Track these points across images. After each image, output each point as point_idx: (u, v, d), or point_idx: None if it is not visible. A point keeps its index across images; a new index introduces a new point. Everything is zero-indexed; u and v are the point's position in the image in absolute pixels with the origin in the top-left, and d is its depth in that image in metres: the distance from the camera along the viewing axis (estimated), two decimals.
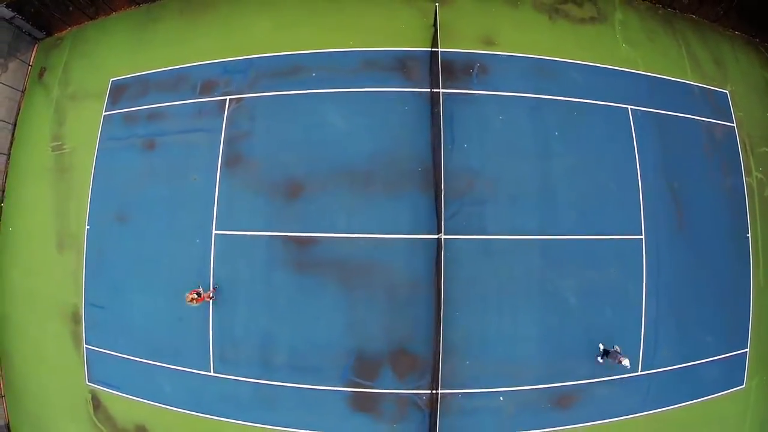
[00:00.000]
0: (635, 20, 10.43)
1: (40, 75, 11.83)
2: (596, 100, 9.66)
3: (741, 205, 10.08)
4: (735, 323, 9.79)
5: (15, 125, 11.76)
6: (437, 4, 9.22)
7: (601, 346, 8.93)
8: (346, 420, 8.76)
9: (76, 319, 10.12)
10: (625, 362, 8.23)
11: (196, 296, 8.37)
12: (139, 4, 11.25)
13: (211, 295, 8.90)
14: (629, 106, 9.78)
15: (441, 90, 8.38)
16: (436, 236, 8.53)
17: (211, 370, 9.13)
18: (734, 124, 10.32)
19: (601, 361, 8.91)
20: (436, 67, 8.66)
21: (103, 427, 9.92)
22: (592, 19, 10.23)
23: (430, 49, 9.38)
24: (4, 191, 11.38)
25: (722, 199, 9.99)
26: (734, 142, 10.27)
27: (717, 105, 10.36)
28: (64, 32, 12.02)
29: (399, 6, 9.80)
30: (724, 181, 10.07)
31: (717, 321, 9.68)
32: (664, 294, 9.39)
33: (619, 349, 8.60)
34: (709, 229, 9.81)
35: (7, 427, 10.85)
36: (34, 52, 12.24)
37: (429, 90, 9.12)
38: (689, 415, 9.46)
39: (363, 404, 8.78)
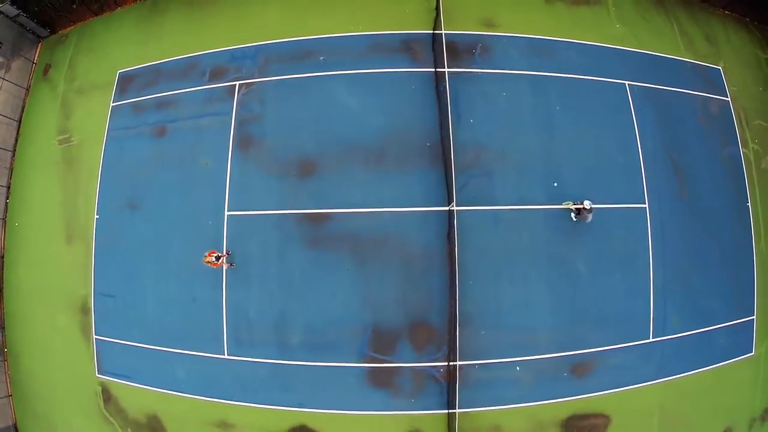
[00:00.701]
0: (628, 1, 11.03)
1: (45, 72, 12.10)
2: (594, 76, 10.15)
3: (739, 175, 10.54)
4: (740, 291, 10.14)
5: (20, 122, 11.98)
6: None
7: (572, 206, 9.07)
8: (364, 396, 8.88)
9: (85, 311, 10.19)
10: (587, 203, 8.51)
11: (214, 259, 8.56)
12: None
13: (227, 261, 9.00)
14: (626, 82, 10.28)
15: (446, 69, 8.80)
16: (447, 208, 8.83)
17: (225, 353, 9.23)
18: (729, 98, 10.85)
19: (574, 219, 9.13)
20: (440, 48, 9.10)
21: (114, 420, 9.91)
22: (587, 1, 10.81)
23: (432, 31, 9.86)
24: (9, 187, 11.53)
25: (721, 170, 10.45)
26: (729, 115, 10.79)
27: (711, 80, 10.91)
28: (68, 29, 12.34)
29: None
30: (722, 152, 10.55)
31: (723, 288, 10.02)
32: (671, 261, 9.73)
33: (587, 205, 8.67)
34: (709, 198, 10.23)
35: (15, 427, 10.77)
36: (38, 49, 12.53)
37: (434, 70, 9.55)
38: (702, 383, 9.69)
39: (380, 379, 8.91)
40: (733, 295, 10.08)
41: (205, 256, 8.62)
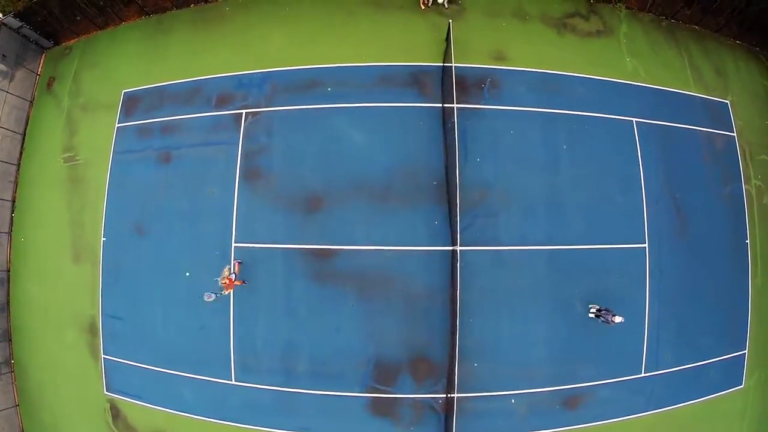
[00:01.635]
0: (640, 33, 11.09)
1: (49, 85, 12.12)
2: (602, 113, 10.33)
3: (740, 212, 10.83)
4: (734, 326, 10.57)
5: (24, 135, 12.08)
6: (450, 20, 9.77)
7: (593, 308, 9.50)
8: (365, 424, 9.42)
9: (93, 331, 10.55)
10: (618, 319, 8.81)
11: (233, 277, 8.82)
12: (149, 14, 11.62)
13: (238, 278, 9.25)
14: (634, 119, 10.46)
15: (454, 105, 8.97)
16: (450, 248, 9.18)
17: (233, 379, 9.71)
18: (734, 134, 11.05)
19: (592, 315, 9.51)
20: (449, 82, 9.25)
21: None
22: (599, 33, 10.87)
23: (442, 64, 9.97)
24: (14, 202, 11.76)
25: (722, 207, 10.74)
26: (734, 151, 11.01)
27: (718, 115, 11.08)
28: (72, 41, 12.29)
29: (412, 21, 10.35)
30: (724, 189, 10.81)
31: (717, 324, 10.46)
32: (666, 299, 10.13)
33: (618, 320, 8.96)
34: (709, 236, 10.56)
35: None
36: (41, 61, 12.50)
37: (441, 105, 9.72)
38: (691, 414, 10.23)
39: (382, 409, 9.45)
40: (727, 330, 10.53)
41: (223, 278, 8.77)
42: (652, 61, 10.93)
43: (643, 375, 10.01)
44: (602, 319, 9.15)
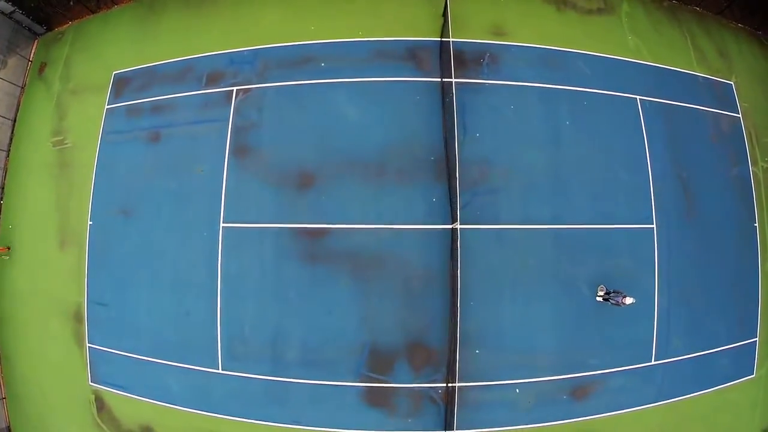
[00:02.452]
0: (641, 12, 10.11)
1: (41, 70, 11.20)
2: (605, 90, 9.31)
3: (748, 195, 9.78)
4: (744, 312, 9.46)
5: (15, 121, 11.12)
6: None
7: (601, 291, 8.41)
8: (359, 416, 8.24)
9: (78, 318, 9.48)
10: (629, 300, 7.71)
11: None
12: None
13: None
14: (638, 97, 9.44)
15: (453, 79, 7.92)
16: (450, 226, 8.05)
17: (220, 368, 8.55)
18: (740, 115, 10.03)
19: (599, 299, 8.41)
20: (447, 57, 8.22)
21: (107, 429, 9.27)
22: (599, 10, 9.90)
23: (440, 39, 8.94)
24: (3, 188, 10.71)
25: (729, 189, 9.69)
26: (740, 133, 9.98)
27: (722, 96, 10.07)
28: (64, 27, 11.40)
29: None
30: (731, 170, 9.77)
31: (727, 310, 9.35)
32: (676, 283, 9.03)
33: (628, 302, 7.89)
34: (717, 219, 9.49)
35: (9, 429, 10.14)
36: (34, 47, 11.60)
37: (440, 80, 8.67)
38: (702, 405, 9.10)
39: (377, 399, 8.27)
40: (737, 317, 9.40)
41: None
42: (654, 40, 9.95)
43: (653, 363, 8.83)
44: (612, 301, 7.99)
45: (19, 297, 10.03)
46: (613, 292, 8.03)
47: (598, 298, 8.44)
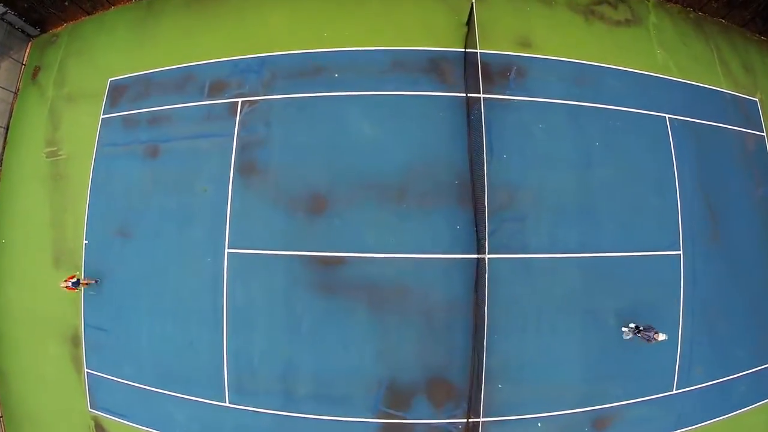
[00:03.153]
0: (668, 24, 8.83)
1: (34, 75, 9.63)
2: (635, 108, 8.06)
3: None
4: (765, 336, 8.42)
5: (7, 129, 9.57)
6: (473, 0, 7.30)
7: (631, 326, 7.36)
8: None
9: (75, 342, 8.20)
10: (662, 337, 6.74)
11: (70, 284, 7.19)
12: None
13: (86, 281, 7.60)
14: (667, 115, 8.21)
15: (481, 95, 6.56)
16: (476, 256, 6.80)
17: (227, 401, 7.32)
18: (764, 134, 8.86)
19: (627, 337, 7.38)
20: (474, 70, 6.87)
21: None
22: (627, 22, 8.57)
23: (464, 49, 7.54)
24: None
25: (754, 211, 8.60)
26: (765, 152, 8.85)
27: (748, 113, 8.91)
28: (59, 28, 9.80)
29: (427, 2, 7.90)
30: (756, 191, 8.64)
31: (749, 334, 8.36)
32: (700, 311, 7.99)
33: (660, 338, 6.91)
34: (741, 242, 8.43)
35: None
36: (27, 50, 10.00)
37: (465, 94, 7.30)
38: (720, 430, 8.09)
39: None
40: (758, 341, 8.39)
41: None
42: (682, 54, 8.70)
43: (674, 392, 7.80)
44: (644, 337, 6.85)
45: (14, 315, 8.71)
46: (644, 328, 6.89)
47: (626, 336, 7.29)
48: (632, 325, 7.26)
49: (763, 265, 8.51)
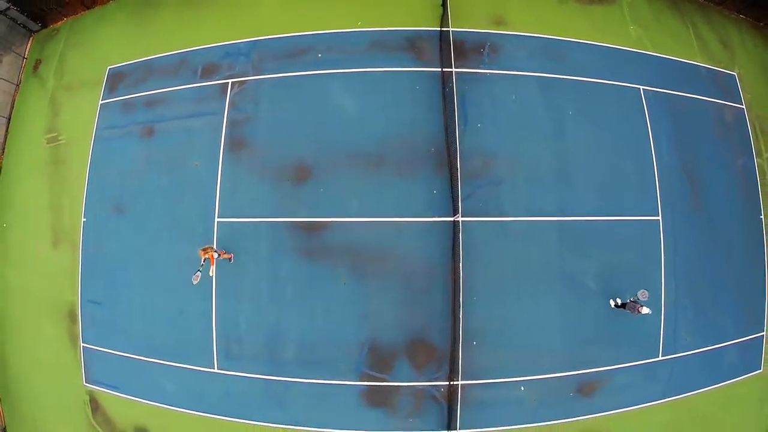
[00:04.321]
0: (643, 2, 9.65)
1: (35, 67, 10.74)
2: (608, 80, 8.84)
3: (753, 187, 9.30)
4: (751, 306, 8.98)
5: (9, 119, 10.64)
6: None
7: (617, 301, 7.96)
8: (360, 415, 7.73)
9: (72, 318, 8.98)
10: (645, 310, 7.27)
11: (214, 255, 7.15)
12: None
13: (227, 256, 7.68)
14: (641, 87, 8.98)
15: (453, 69, 7.44)
16: (451, 219, 7.55)
17: (216, 367, 8.04)
18: (743, 106, 9.57)
19: (613, 305, 7.94)
20: (447, 46, 7.73)
21: (102, 430, 8.74)
22: (600, 1, 9.42)
23: (439, 28, 8.47)
24: None
25: (734, 181, 9.22)
26: (744, 124, 9.52)
27: (726, 87, 9.61)
28: (60, 23, 10.94)
29: None
30: (736, 162, 9.30)
31: (733, 304, 8.86)
32: (682, 276, 8.54)
33: (640, 297, 7.56)
34: (722, 211, 9.02)
35: (4, 430, 9.62)
36: (29, 44, 11.14)
37: (440, 69, 8.19)
38: (708, 401, 8.59)
39: (378, 398, 7.75)
40: (744, 311, 8.91)
41: (204, 252, 7.13)
42: (656, 30, 9.49)
43: (660, 358, 8.33)
44: (629, 310, 7.48)
45: (11, 296, 9.53)
46: (630, 301, 7.52)
47: (612, 304, 7.93)
48: (618, 301, 7.87)
49: (746, 234, 9.08)
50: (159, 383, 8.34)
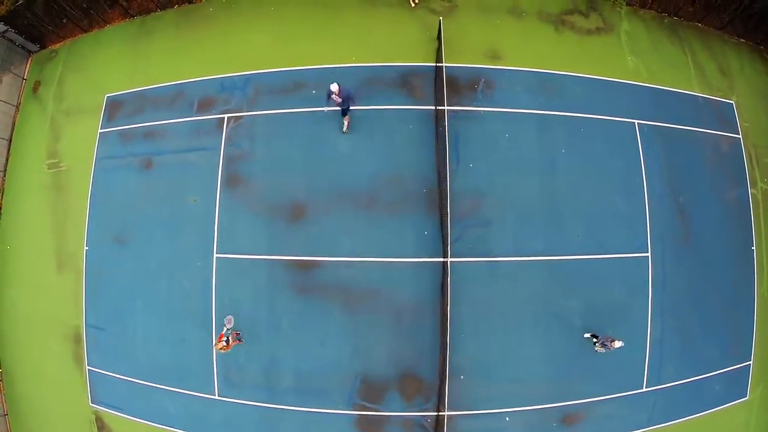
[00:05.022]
0: (641, 30, 9.83)
1: (35, 89, 11.12)
2: (603, 115, 9.12)
3: (746, 217, 9.62)
4: (739, 336, 9.40)
5: (10, 141, 11.10)
6: (441, 18, 8.53)
7: (587, 335, 8.44)
8: None
9: (77, 340, 9.60)
10: (618, 344, 7.73)
11: (224, 343, 7.79)
12: (133, 16, 10.51)
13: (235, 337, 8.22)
14: (635, 121, 9.24)
15: (445, 107, 7.78)
16: (441, 260, 8.02)
17: (216, 394, 8.68)
18: (740, 135, 9.81)
19: (588, 336, 8.42)
20: (441, 83, 8.06)
21: None
22: (599, 30, 9.62)
23: (434, 64, 8.76)
24: (0, 209, 10.78)
25: (727, 212, 9.53)
26: (740, 154, 9.78)
27: (722, 116, 9.83)
28: (58, 45, 11.27)
29: (401, 20, 9.15)
30: (730, 193, 9.60)
31: (721, 334, 9.29)
32: (670, 311, 8.97)
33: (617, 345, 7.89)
34: (714, 243, 9.37)
35: None
36: (28, 65, 11.49)
37: (434, 107, 8.53)
38: (693, 429, 9.11)
39: (369, 427, 8.38)
40: (731, 341, 9.36)
41: (217, 343, 7.80)
42: (654, 60, 9.68)
43: (644, 390, 8.86)
44: (600, 345, 7.98)
45: (18, 317, 10.11)
46: (603, 337, 7.99)
47: (587, 335, 8.42)
48: (588, 335, 8.35)
49: (737, 265, 9.45)
50: (162, 407, 9.00)
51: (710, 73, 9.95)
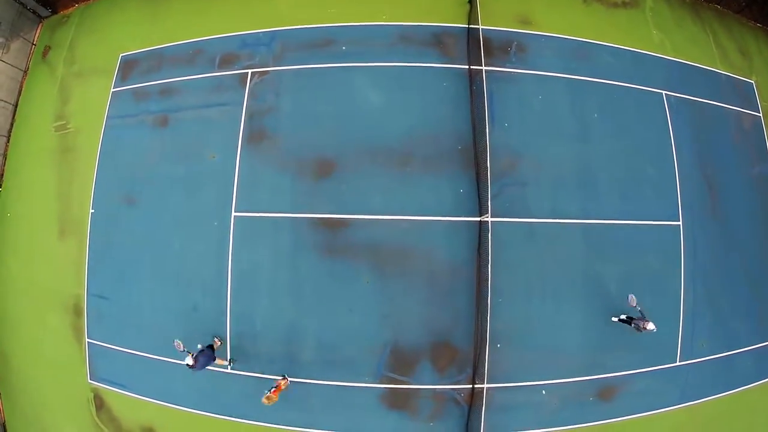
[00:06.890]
0: (665, 7, 9.38)
1: (44, 54, 10.10)
2: (632, 84, 8.51)
3: None
4: (767, 312, 8.67)
5: (16, 106, 9.96)
6: None
7: (622, 317, 7.52)
8: (379, 419, 7.28)
9: (77, 312, 8.37)
10: (650, 326, 6.76)
11: (271, 394, 6.50)
12: None
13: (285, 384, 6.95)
14: (664, 92, 8.67)
15: (483, 67, 7.00)
16: (479, 218, 7.11)
17: (229, 368, 7.47)
18: (760, 114, 9.33)
19: (615, 320, 7.52)
20: (475, 43, 7.31)
21: (106, 429, 8.15)
22: (624, 4, 9.13)
23: (467, 25, 8.03)
24: (2, 175, 9.54)
25: (752, 187, 8.98)
26: (761, 132, 9.30)
27: (744, 94, 9.38)
28: (70, 10, 10.29)
29: None
30: (753, 169, 9.03)
31: (750, 310, 8.61)
32: (701, 282, 8.26)
33: (630, 302, 6.97)
34: (740, 218, 8.77)
35: (4, 426, 8.97)
36: (38, 30, 10.49)
37: (468, 66, 7.75)
38: (725, 407, 8.32)
39: (398, 401, 7.30)
40: (760, 317, 8.63)
41: (268, 397, 6.48)
42: (678, 36, 9.22)
43: (678, 364, 8.00)
44: (633, 326, 7.08)
45: (14, 288, 8.90)
46: (637, 318, 7.11)
47: (614, 319, 7.52)
48: (623, 316, 7.49)
49: (762, 242, 8.83)
50: (168, 382, 7.78)
51: (731, 52, 9.55)
